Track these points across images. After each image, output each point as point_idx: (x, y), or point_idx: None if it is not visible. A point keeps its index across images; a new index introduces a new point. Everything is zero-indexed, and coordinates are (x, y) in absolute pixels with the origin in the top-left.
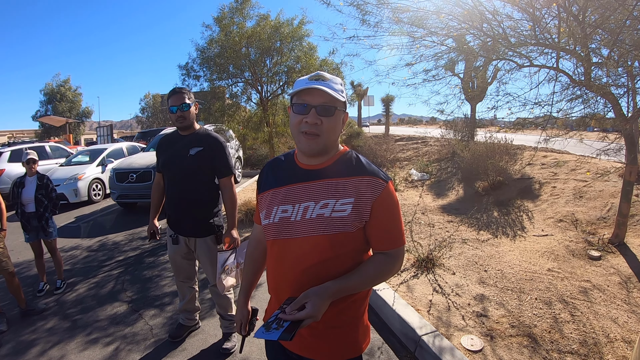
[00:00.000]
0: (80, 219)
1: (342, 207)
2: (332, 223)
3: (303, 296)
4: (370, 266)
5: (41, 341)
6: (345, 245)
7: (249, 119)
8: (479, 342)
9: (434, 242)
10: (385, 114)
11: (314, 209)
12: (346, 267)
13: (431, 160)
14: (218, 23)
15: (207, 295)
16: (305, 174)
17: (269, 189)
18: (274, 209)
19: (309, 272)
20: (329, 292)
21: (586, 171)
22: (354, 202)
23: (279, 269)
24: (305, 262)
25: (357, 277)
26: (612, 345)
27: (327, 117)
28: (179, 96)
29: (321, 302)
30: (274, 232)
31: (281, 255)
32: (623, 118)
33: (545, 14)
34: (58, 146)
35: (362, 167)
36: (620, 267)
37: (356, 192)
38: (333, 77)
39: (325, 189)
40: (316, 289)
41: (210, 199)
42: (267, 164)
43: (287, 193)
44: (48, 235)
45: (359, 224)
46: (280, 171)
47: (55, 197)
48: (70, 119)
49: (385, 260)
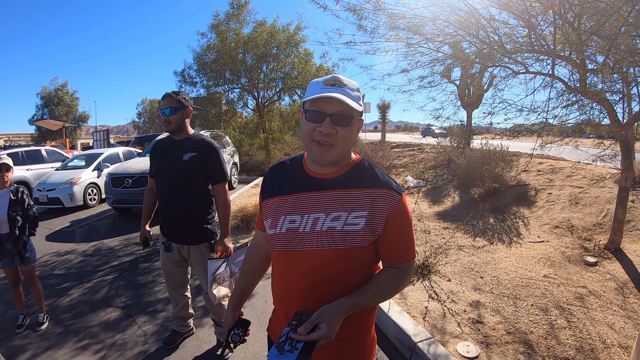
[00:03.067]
0: (75, 224)
1: (355, 221)
2: (344, 237)
3: (317, 315)
4: (383, 280)
5: (32, 347)
6: (357, 259)
7: (245, 125)
8: (475, 348)
9: (430, 248)
10: (381, 121)
11: (324, 221)
12: (356, 280)
13: (427, 167)
14: (214, 29)
15: (201, 302)
16: (315, 183)
17: (274, 196)
18: (281, 218)
19: (318, 286)
20: (343, 310)
21: (582, 177)
22: (367, 216)
23: (285, 281)
24: (315, 276)
25: (370, 292)
26: (609, 351)
27: (343, 127)
28: (167, 100)
29: (337, 322)
30: (281, 243)
31: (288, 268)
32: (618, 124)
33: (540, 21)
34: (54, 150)
35: (376, 178)
36: (617, 273)
37: (370, 205)
38: (350, 82)
39: (336, 200)
40: (331, 308)
41: (203, 206)
42: (272, 168)
43: (295, 202)
44: (25, 261)
45: (371, 237)
46: (286, 177)
47: (34, 215)
48: (67, 123)
49: (397, 274)
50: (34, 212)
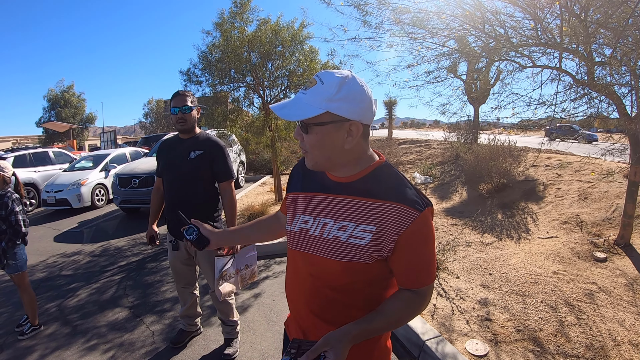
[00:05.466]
0: (83, 224)
1: (361, 235)
2: (347, 250)
3: (323, 343)
4: (396, 305)
5: (40, 347)
6: (362, 274)
7: (251, 123)
8: (484, 347)
9: (438, 245)
10: (388, 117)
11: (331, 229)
12: (365, 294)
13: (434, 163)
14: (218, 28)
15: (208, 301)
16: (332, 185)
17: (296, 191)
18: (296, 217)
19: (321, 294)
20: (350, 337)
21: (591, 172)
22: (375, 232)
23: (294, 280)
24: (318, 282)
25: (382, 318)
26: (619, 348)
27: (307, 135)
28: (181, 98)
29: (344, 350)
30: (293, 241)
31: (297, 267)
32: (627, 118)
33: (547, 14)
34: (61, 152)
35: (391, 188)
36: (627, 269)
37: (379, 221)
38: (323, 77)
39: (346, 207)
40: (337, 335)
41: (210, 203)
42: (300, 161)
43: (311, 202)
44: (9, 268)
45: (377, 256)
46: (310, 174)
47: (15, 222)
48: (74, 124)
49: (413, 299)
50: (16, 219)
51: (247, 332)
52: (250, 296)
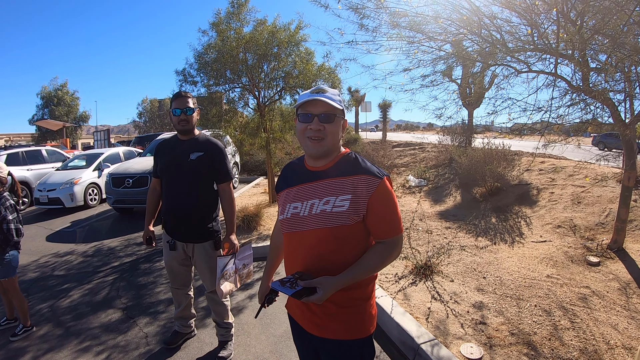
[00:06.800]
0: (75, 224)
1: (341, 203)
2: (333, 217)
3: (317, 281)
4: (372, 255)
5: (33, 349)
6: (347, 236)
7: (246, 124)
8: (478, 350)
9: (432, 248)
10: (382, 120)
11: (318, 205)
12: (349, 256)
13: (429, 166)
14: (215, 28)
15: (202, 303)
16: (312, 175)
17: (284, 189)
18: (287, 206)
19: (316, 261)
20: (339, 283)
21: (584, 176)
22: (351, 199)
23: (292, 257)
24: (313, 252)
25: (361, 267)
26: (613, 352)
27: (329, 124)
28: (183, 99)
29: (330, 291)
30: (287, 226)
31: (293, 246)
32: (622, 123)
33: (543, 19)
34: (55, 150)
35: (358, 166)
36: (620, 273)
37: (353, 190)
38: (331, 89)
39: (327, 187)
40: (329, 279)
41: (209, 204)
42: (285, 166)
43: (298, 192)
44: None
45: (357, 217)
46: (293, 173)
47: (7, 230)
48: (68, 123)
49: (384, 249)
50: (7, 229)
51: (242, 334)
52: (245, 297)
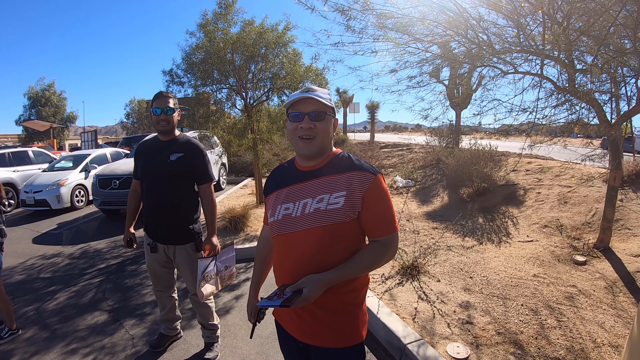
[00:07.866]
0: (62, 226)
1: (336, 200)
2: (328, 215)
3: (302, 281)
4: (364, 254)
5: (19, 352)
6: (341, 235)
7: (233, 125)
8: (465, 349)
9: (419, 249)
10: (370, 121)
11: (311, 204)
12: (343, 256)
13: (416, 167)
14: (202, 29)
15: (188, 305)
16: (304, 175)
17: (273, 191)
18: (278, 207)
19: (308, 262)
20: (326, 280)
21: (571, 177)
22: (346, 195)
23: (282, 261)
24: (305, 253)
25: (353, 265)
26: (599, 350)
27: (320, 122)
28: (164, 99)
29: (317, 289)
30: (278, 228)
31: (284, 249)
32: (607, 124)
33: (530, 21)
34: (41, 151)
35: (352, 164)
36: (606, 272)
37: (348, 186)
38: (321, 89)
39: (321, 186)
40: (315, 277)
41: (189, 206)
42: (274, 170)
43: (289, 193)
44: None
45: (352, 214)
46: (282, 175)
47: None
48: (55, 123)
49: (378, 248)
50: None
51: (228, 336)
52: (231, 298)
